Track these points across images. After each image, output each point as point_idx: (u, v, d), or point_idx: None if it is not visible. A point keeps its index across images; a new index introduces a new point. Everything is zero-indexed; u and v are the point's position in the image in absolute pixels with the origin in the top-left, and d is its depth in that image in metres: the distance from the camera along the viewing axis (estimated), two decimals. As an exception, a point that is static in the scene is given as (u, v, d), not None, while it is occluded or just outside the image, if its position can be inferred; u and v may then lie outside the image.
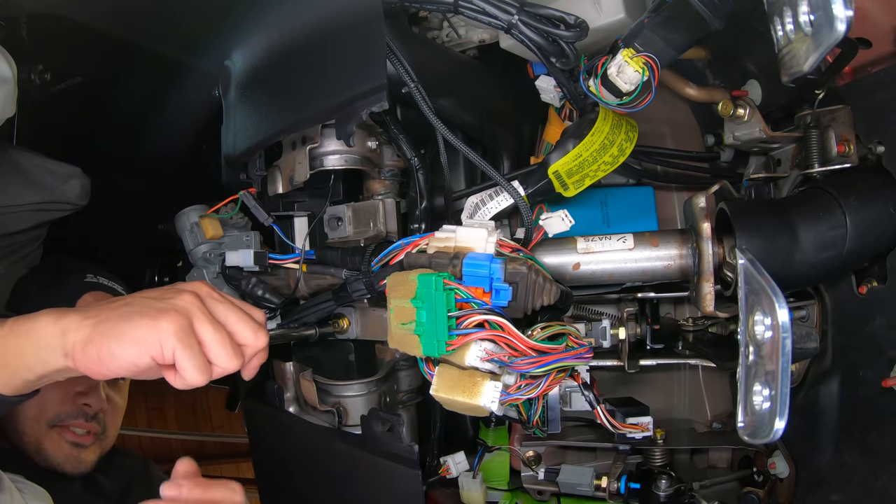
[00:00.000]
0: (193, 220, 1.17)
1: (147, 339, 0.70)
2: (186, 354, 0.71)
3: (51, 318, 0.73)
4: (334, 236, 1.09)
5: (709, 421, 1.36)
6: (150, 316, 0.71)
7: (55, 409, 1.25)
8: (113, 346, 0.70)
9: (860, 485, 0.94)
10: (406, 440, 0.98)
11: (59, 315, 0.73)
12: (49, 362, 0.73)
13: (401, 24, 1.12)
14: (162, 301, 0.74)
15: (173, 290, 0.77)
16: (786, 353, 0.69)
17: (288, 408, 1.19)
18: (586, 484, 1.20)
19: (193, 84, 1.35)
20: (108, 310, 0.74)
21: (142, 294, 0.78)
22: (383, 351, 1.23)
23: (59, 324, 0.72)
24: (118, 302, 0.76)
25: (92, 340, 0.71)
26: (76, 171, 1.34)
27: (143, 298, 0.76)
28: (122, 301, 0.76)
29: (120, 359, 0.71)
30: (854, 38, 0.87)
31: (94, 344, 0.71)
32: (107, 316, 0.73)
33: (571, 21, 0.90)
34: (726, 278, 0.99)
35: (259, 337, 0.79)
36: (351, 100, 0.91)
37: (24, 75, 1.32)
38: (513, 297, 0.81)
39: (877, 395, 0.91)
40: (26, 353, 0.72)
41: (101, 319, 0.72)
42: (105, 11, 1.24)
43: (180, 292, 0.76)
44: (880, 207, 0.88)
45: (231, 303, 0.79)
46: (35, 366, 0.73)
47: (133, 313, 0.72)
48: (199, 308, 0.75)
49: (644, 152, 1.31)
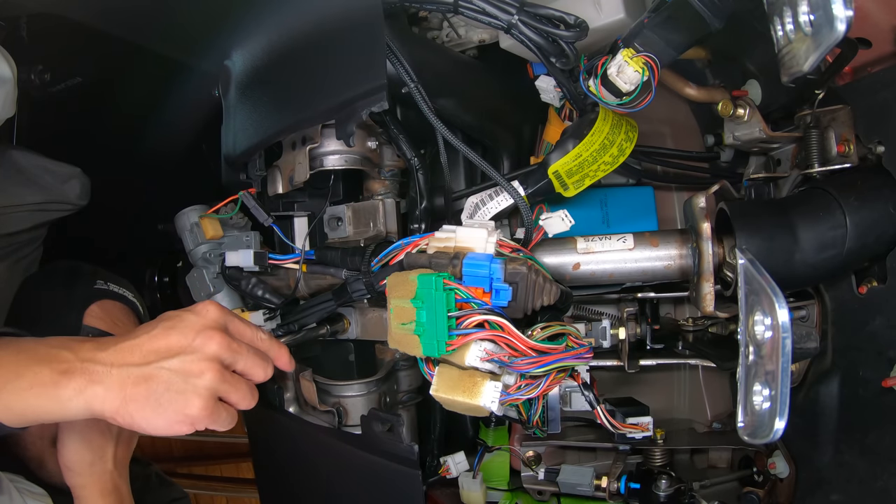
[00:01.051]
0: (193, 220, 1.16)
1: (178, 423, 0.76)
2: (217, 424, 0.78)
3: (73, 390, 0.73)
4: (334, 236, 1.09)
5: (709, 421, 1.36)
6: (176, 403, 0.75)
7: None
8: (144, 425, 0.75)
9: (860, 485, 0.94)
10: (406, 440, 0.98)
11: (82, 386, 0.73)
12: (71, 419, 0.77)
13: (401, 24, 1.12)
14: (185, 381, 0.76)
15: (193, 354, 0.77)
16: (786, 353, 0.69)
17: (288, 408, 1.19)
18: (586, 484, 1.20)
19: (193, 84, 1.35)
20: (132, 383, 0.74)
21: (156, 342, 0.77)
22: (383, 351, 1.23)
23: (82, 396, 0.73)
24: (137, 369, 0.75)
25: (121, 414, 0.74)
26: (76, 171, 1.34)
27: (165, 371, 0.75)
28: (141, 364, 0.76)
29: (150, 432, 0.76)
30: (854, 38, 0.87)
31: (123, 418, 0.75)
32: (132, 394, 0.74)
33: (571, 21, 0.90)
34: (726, 278, 0.99)
35: (269, 374, 0.85)
36: (351, 100, 0.90)
37: (24, 75, 1.32)
38: (513, 297, 0.81)
39: (877, 395, 0.91)
40: (45, 410, 0.74)
41: (127, 398, 0.74)
42: (105, 11, 1.23)
43: (202, 364, 0.77)
44: (880, 207, 0.88)
45: (248, 348, 0.83)
46: (53, 419, 0.76)
47: (160, 400, 0.75)
48: (222, 380, 0.78)
49: (644, 152, 1.31)
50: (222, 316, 0.82)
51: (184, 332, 0.78)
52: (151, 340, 0.77)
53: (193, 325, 0.79)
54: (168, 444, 3.73)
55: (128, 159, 1.56)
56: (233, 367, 0.80)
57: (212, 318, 0.80)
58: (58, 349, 0.75)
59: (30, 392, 0.72)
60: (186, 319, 0.79)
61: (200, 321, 0.79)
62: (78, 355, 0.75)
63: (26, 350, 0.75)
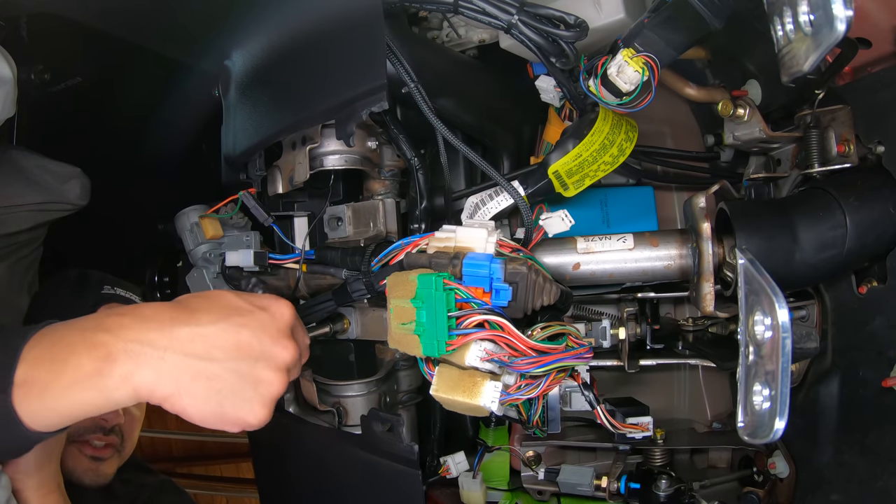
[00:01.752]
0: (193, 220, 1.16)
1: (233, 425, 0.71)
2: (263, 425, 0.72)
3: (119, 376, 0.66)
4: (334, 236, 1.09)
5: (709, 421, 1.36)
6: (241, 410, 0.70)
7: (74, 425, 1.25)
8: (194, 417, 0.69)
9: (860, 485, 0.94)
10: (406, 440, 0.98)
11: (131, 371, 0.66)
12: (115, 407, 0.70)
13: (401, 24, 1.12)
14: (255, 389, 0.70)
15: (268, 361, 0.72)
16: (786, 353, 0.69)
17: (288, 408, 1.19)
18: (586, 484, 1.20)
19: (193, 84, 1.35)
20: (191, 376, 0.68)
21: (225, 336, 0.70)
22: (383, 351, 1.23)
23: (131, 381, 0.67)
24: (200, 362, 0.68)
25: (171, 403, 0.68)
26: (76, 171, 1.34)
27: (234, 374, 0.69)
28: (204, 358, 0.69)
29: (197, 423, 0.70)
30: (854, 38, 0.87)
31: (173, 406, 0.69)
32: (189, 389, 0.68)
33: (571, 21, 0.90)
34: (726, 278, 0.99)
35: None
36: (351, 100, 0.90)
37: (24, 75, 1.32)
38: (513, 297, 0.81)
39: (877, 395, 0.91)
40: (94, 405, 0.68)
41: (184, 390, 0.68)
42: (105, 11, 1.23)
43: (276, 374, 0.72)
44: (880, 207, 0.88)
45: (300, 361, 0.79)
46: (98, 412, 0.69)
47: (223, 403, 0.69)
48: (284, 386, 0.73)
49: (644, 152, 1.31)
50: (295, 320, 0.77)
51: (258, 336, 0.71)
52: (220, 334, 0.69)
53: (269, 328, 0.73)
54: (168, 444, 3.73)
55: (128, 159, 1.56)
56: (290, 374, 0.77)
57: (286, 323, 0.75)
58: (93, 332, 0.68)
59: (74, 389, 0.66)
60: (260, 319, 0.72)
61: (276, 325, 0.73)
62: (118, 336, 0.67)
63: (59, 341, 0.68)
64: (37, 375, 0.66)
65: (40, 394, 0.66)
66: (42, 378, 0.66)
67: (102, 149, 1.49)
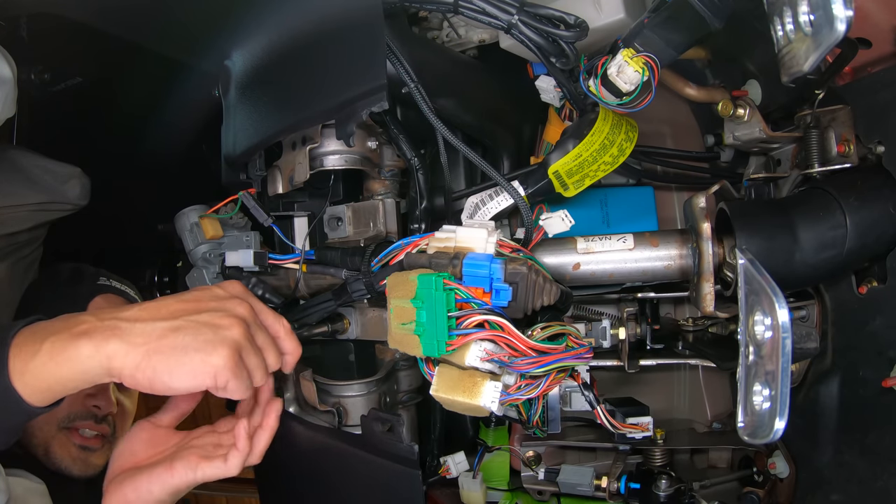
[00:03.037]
0: (193, 220, 1.16)
1: (202, 373, 0.75)
2: (237, 383, 0.77)
3: (92, 346, 0.72)
4: (334, 236, 1.09)
5: (709, 421, 1.36)
6: (204, 352, 0.75)
7: (66, 409, 1.25)
8: (166, 378, 0.73)
9: (860, 485, 0.94)
10: (406, 440, 0.98)
11: (101, 342, 0.72)
12: (90, 381, 0.74)
13: (401, 24, 1.12)
14: (215, 332, 0.76)
15: (222, 311, 0.79)
16: (786, 353, 0.69)
17: (288, 408, 1.19)
18: (586, 484, 1.20)
19: (193, 84, 1.35)
20: (157, 336, 0.74)
21: (185, 304, 0.79)
22: (383, 351, 1.23)
23: (102, 351, 0.72)
24: (165, 322, 0.75)
25: (142, 369, 0.73)
26: (76, 171, 1.34)
27: (193, 322, 0.76)
28: (169, 319, 0.76)
29: (173, 388, 0.74)
30: (854, 38, 0.87)
31: (144, 373, 0.73)
32: (157, 346, 0.73)
33: (571, 21, 0.90)
34: (726, 278, 0.99)
35: (279, 362, 0.87)
36: (351, 100, 0.90)
37: (24, 75, 1.32)
38: (513, 297, 0.81)
39: (877, 395, 0.91)
40: (66, 377, 0.72)
41: (151, 349, 0.73)
42: (105, 11, 1.23)
43: (231, 319, 0.78)
44: (880, 207, 0.88)
45: (266, 331, 0.85)
46: (75, 385, 0.74)
47: (187, 347, 0.74)
48: (248, 340, 0.79)
49: (644, 152, 1.31)
50: (247, 292, 0.86)
51: (214, 295, 0.82)
52: (180, 301, 0.79)
53: (221, 294, 0.83)
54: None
55: (128, 159, 1.56)
56: (254, 337, 0.81)
57: (239, 290, 0.85)
58: (75, 317, 0.75)
59: (50, 363, 0.71)
60: (215, 290, 0.83)
61: (227, 292, 0.84)
62: (97, 316, 0.75)
63: (41, 329, 0.74)
64: (17, 359, 0.71)
65: (20, 372, 0.71)
66: (21, 359, 0.71)
67: (102, 149, 1.50)
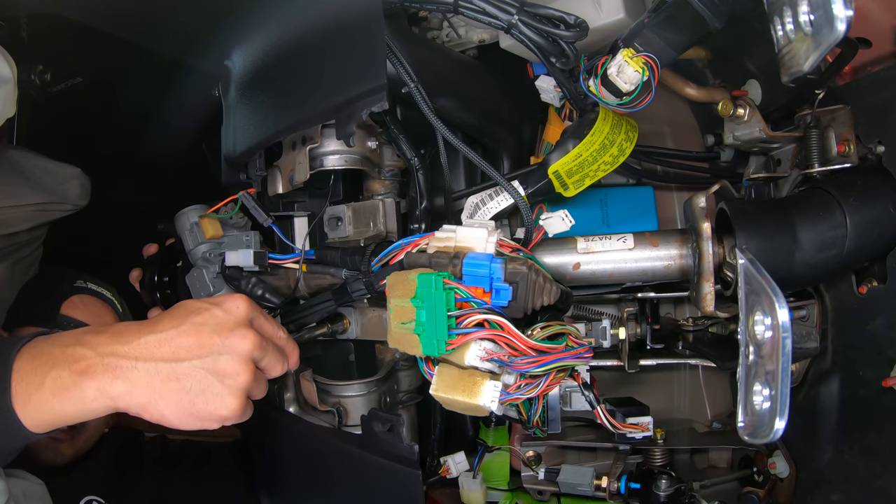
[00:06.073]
0: (193, 220, 1.16)
1: (210, 421, 0.75)
2: (242, 418, 0.77)
3: (96, 389, 0.71)
4: (334, 236, 1.09)
5: (709, 421, 1.36)
6: (213, 405, 0.74)
7: None
8: (174, 422, 0.74)
9: (860, 485, 0.94)
10: (406, 440, 0.98)
11: (105, 384, 0.71)
12: (94, 416, 0.74)
13: (401, 24, 1.12)
14: (222, 382, 0.75)
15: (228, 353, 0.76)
16: (786, 353, 0.69)
17: (288, 408, 1.19)
18: (586, 484, 1.20)
19: (193, 84, 1.35)
20: (161, 380, 0.73)
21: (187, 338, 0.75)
22: (383, 351, 1.23)
23: (106, 393, 0.72)
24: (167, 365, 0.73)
25: (150, 411, 0.73)
26: (76, 171, 1.34)
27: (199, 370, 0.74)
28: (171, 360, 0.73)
29: (178, 427, 0.75)
30: (854, 38, 0.87)
31: (152, 414, 0.73)
32: (162, 391, 0.72)
33: (571, 21, 0.90)
34: (726, 278, 0.99)
35: (285, 370, 0.85)
36: (351, 100, 0.90)
37: (24, 75, 1.33)
38: (513, 297, 0.81)
39: (877, 395, 0.91)
40: (71, 413, 0.72)
41: (157, 395, 0.72)
42: (105, 11, 1.24)
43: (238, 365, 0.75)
44: (880, 207, 0.88)
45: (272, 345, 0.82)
46: (79, 419, 0.74)
47: (195, 399, 0.74)
48: (255, 376, 0.78)
49: (644, 152, 1.31)
50: (252, 312, 0.81)
51: (217, 330, 0.76)
52: (181, 336, 0.75)
53: (225, 322, 0.77)
54: (168, 444, 3.71)
55: (128, 159, 1.56)
56: (259, 364, 0.80)
57: (243, 315, 0.79)
58: (73, 347, 0.73)
59: (53, 400, 0.71)
60: (216, 316, 0.77)
61: (231, 319, 0.78)
62: (96, 350, 0.73)
63: (42, 355, 0.73)
64: (20, 387, 0.71)
65: (24, 403, 0.71)
66: (24, 389, 0.71)
67: (102, 149, 1.50)
